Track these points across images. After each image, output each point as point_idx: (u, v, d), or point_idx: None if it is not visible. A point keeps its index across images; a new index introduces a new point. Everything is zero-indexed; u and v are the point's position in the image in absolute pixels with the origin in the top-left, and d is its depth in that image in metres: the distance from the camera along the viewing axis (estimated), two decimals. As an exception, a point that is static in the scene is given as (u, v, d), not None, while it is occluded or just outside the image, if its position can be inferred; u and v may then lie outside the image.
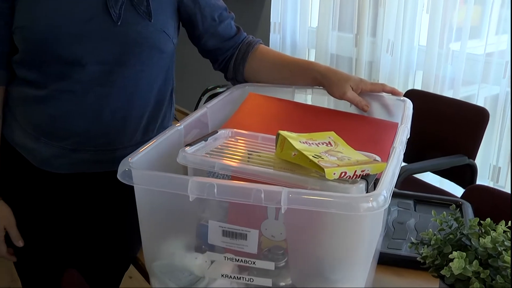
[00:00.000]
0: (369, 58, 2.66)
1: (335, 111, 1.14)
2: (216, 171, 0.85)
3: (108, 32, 1.05)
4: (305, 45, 3.01)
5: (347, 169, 0.78)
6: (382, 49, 2.56)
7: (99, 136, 1.13)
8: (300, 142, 0.87)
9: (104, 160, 1.15)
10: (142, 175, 0.79)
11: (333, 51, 2.83)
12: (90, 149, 1.14)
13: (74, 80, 1.07)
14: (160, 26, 1.10)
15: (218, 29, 1.21)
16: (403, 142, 0.90)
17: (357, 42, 2.68)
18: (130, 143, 1.16)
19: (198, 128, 1.05)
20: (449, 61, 2.36)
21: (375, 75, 2.61)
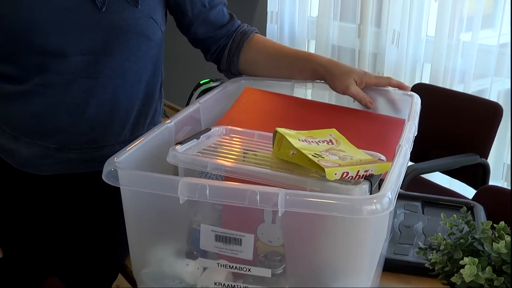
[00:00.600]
0: (373, 49, 2.66)
1: (337, 107, 1.14)
2: (208, 171, 0.85)
3: (92, 20, 1.05)
4: (305, 36, 3.01)
5: (349, 169, 0.78)
6: (387, 40, 2.56)
7: (84, 133, 1.12)
8: (299, 140, 0.87)
9: (90, 159, 1.15)
10: (128, 176, 0.78)
11: (334, 42, 2.84)
12: (75, 148, 1.13)
13: (56, 72, 1.06)
14: (147, 12, 1.09)
15: (209, 15, 1.20)
16: (410, 140, 0.90)
17: (360, 33, 2.68)
18: (118, 140, 1.16)
19: (190, 125, 1.05)
20: (460, 52, 2.36)
21: (380, 68, 2.61)
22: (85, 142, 1.13)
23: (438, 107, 2.23)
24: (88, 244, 1.22)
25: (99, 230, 1.22)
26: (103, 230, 1.22)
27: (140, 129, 1.20)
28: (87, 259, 1.23)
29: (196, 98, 1.87)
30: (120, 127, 1.16)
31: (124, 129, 1.17)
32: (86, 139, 1.13)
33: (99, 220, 1.22)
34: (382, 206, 0.69)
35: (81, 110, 1.10)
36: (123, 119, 1.16)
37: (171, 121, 0.98)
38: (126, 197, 0.82)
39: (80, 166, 1.15)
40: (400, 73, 2.53)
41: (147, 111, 1.21)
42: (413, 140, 0.93)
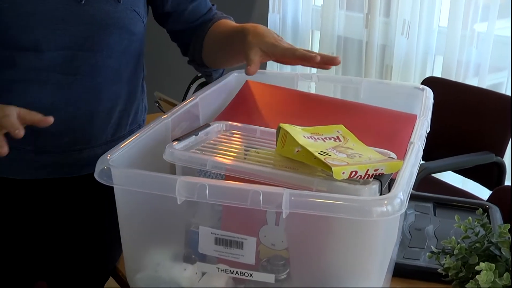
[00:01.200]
0: (382, 41, 2.66)
1: (344, 102, 1.13)
2: (208, 169, 0.85)
3: (70, 13, 1.03)
4: (309, 27, 3.01)
5: (358, 168, 0.78)
6: (396, 31, 2.56)
7: (63, 134, 1.11)
8: (304, 136, 0.87)
9: (70, 163, 1.14)
10: (123, 174, 0.78)
11: (340, 33, 2.83)
12: (53, 150, 1.12)
13: (28, 68, 1.04)
14: (130, 4, 1.08)
15: (188, 7, 1.20)
16: (422, 137, 0.90)
17: (368, 23, 2.68)
18: (100, 141, 1.15)
19: (188, 120, 1.05)
20: (474, 44, 2.36)
21: (389, 60, 2.61)
22: (64, 145, 1.12)
23: (450, 102, 2.22)
24: (75, 248, 1.22)
25: (85, 234, 1.22)
26: (90, 234, 1.22)
27: (123, 129, 1.19)
28: (74, 263, 1.23)
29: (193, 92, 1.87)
30: (102, 128, 1.16)
31: (105, 130, 1.16)
32: (64, 141, 1.12)
33: (84, 223, 1.21)
34: (393, 208, 0.68)
35: (58, 109, 1.09)
36: (104, 120, 1.15)
37: (168, 116, 0.98)
38: (120, 197, 0.82)
39: (59, 171, 1.15)
40: (410, 66, 2.53)
41: (130, 110, 1.20)
42: (425, 137, 0.93)
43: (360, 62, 2.76)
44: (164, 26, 1.24)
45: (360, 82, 1.16)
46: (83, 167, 1.15)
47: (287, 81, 1.20)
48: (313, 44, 3.06)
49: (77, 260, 1.23)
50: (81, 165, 1.16)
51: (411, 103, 1.11)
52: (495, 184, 2.07)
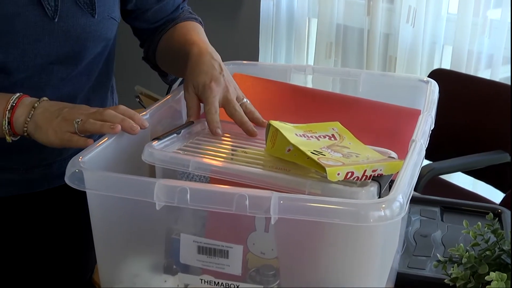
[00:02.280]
0: (385, 29, 2.67)
1: (341, 96, 1.14)
2: (191, 171, 0.85)
3: (42, 31, 1.01)
4: (305, 14, 3.02)
5: (355, 169, 0.79)
6: (401, 19, 2.57)
7: (30, 150, 1.11)
8: (297, 135, 0.88)
9: (38, 178, 1.15)
10: (96, 178, 0.79)
11: (339, 21, 2.84)
12: (19, 167, 1.13)
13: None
14: (107, 12, 1.08)
15: (154, 7, 1.19)
16: (425, 134, 0.90)
17: (370, 10, 2.68)
18: (69, 153, 1.15)
19: (170, 117, 1.06)
20: (486, 33, 2.37)
21: (393, 50, 2.62)
22: (31, 160, 1.13)
23: (460, 96, 2.24)
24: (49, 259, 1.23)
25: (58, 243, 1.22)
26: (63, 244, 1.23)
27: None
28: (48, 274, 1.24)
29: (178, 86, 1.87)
30: None
31: None
32: (31, 155, 1.12)
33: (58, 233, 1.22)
34: (392, 212, 0.69)
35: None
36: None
37: (147, 113, 0.98)
38: (93, 203, 0.82)
39: (24, 187, 1.15)
40: (416, 56, 2.53)
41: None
42: (429, 134, 0.94)
43: (361, 53, 2.76)
44: (125, 20, 1.23)
45: (359, 75, 1.16)
46: (52, 180, 1.16)
47: (280, 73, 1.20)
48: (310, 33, 3.06)
49: (51, 271, 1.24)
50: (49, 179, 1.16)
51: (415, 97, 1.12)
52: (509, 187, 2.08)
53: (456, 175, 2.33)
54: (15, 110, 0.96)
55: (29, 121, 0.95)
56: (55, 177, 1.16)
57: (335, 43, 2.86)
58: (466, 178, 2.32)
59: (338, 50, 2.87)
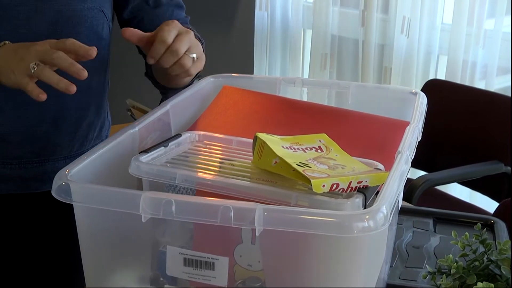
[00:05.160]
0: (380, 40, 2.69)
1: (330, 108, 1.15)
2: (177, 183, 0.86)
3: (34, 9, 1.05)
4: (300, 25, 3.04)
5: (340, 180, 0.80)
6: (396, 29, 2.59)
7: (24, 143, 1.13)
8: (283, 147, 0.89)
9: (31, 177, 1.16)
10: (82, 190, 0.80)
11: (334, 32, 2.86)
12: (12, 162, 1.14)
13: None
14: (98, 3, 1.11)
15: (149, 14, 1.21)
16: (412, 146, 0.91)
17: (364, 21, 2.70)
18: (63, 154, 1.18)
19: (158, 130, 1.06)
20: (481, 43, 2.39)
21: (387, 61, 2.64)
22: (24, 155, 1.14)
23: (455, 106, 2.25)
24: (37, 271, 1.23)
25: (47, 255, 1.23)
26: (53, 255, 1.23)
27: (88, 144, 1.22)
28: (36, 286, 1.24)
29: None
30: (67, 140, 1.18)
31: (71, 142, 1.18)
32: (25, 151, 1.14)
33: (47, 244, 1.22)
34: (376, 223, 0.70)
35: (18, 116, 1.11)
36: (69, 130, 1.17)
37: (135, 126, 1.00)
38: (80, 216, 0.83)
39: (19, 185, 1.16)
40: (411, 66, 2.55)
41: (96, 124, 1.23)
42: (416, 145, 0.95)
43: (356, 64, 2.78)
44: None
45: (347, 86, 1.18)
46: (45, 182, 1.17)
47: (269, 86, 1.22)
48: (305, 44, 3.09)
49: (39, 284, 1.24)
50: (42, 180, 1.17)
51: (404, 109, 1.13)
52: (505, 197, 2.09)
53: (453, 186, 2.34)
54: None
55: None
56: (47, 179, 1.17)
57: (330, 54, 2.88)
58: (462, 189, 2.33)
59: (333, 61, 2.89)
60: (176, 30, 1.00)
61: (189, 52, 1.02)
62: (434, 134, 2.13)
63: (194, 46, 1.04)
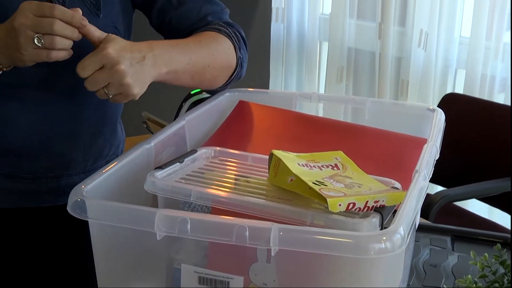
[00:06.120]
0: (397, 53, 2.69)
1: (346, 124, 1.16)
2: (192, 201, 0.86)
3: None
4: (316, 37, 3.04)
5: (356, 200, 0.80)
6: (413, 42, 2.58)
7: (39, 157, 1.14)
8: (299, 164, 0.89)
9: (45, 191, 1.17)
10: (97, 207, 0.80)
11: (351, 44, 2.86)
12: (27, 176, 1.15)
13: (3, 84, 1.07)
14: (111, 20, 1.11)
15: (176, 15, 1.18)
16: (429, 165, 0.91)
17: (381, 33, 2.70)
18: (78, 169, 1.18)
19: (174, 145, 1.07)
20: (500, 56, 2.38)
21: (404, 74, 2.63)
22: (39, 170, 1.15)
23: (474, 121, 2.24)
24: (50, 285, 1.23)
25: (61, 269, 1.23)
26: (66, 270, 1.24)
27: (102, 159, 1.23)
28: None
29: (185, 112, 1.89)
30: (81, 155, 1.18)
31: (86, 157, 1.19)
32: (39, 165, 1.15)
33: (60, 258, 1.23)
34: (393, 244, 0.70)
35: (35, 128, 1.12)
36: (85, 146, 1.18)
37: (151, 141, 1.00)
38: (96, 232, 0.84)
39: (33, 199, 1.17)
40: (428, 80, 2.55)
41: (112, 138, 1.23)
42: (433, 164, 0.95)
43: (373, 77, 2.78)
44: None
45: (364, 102, 1.18)
46: (59, 196, 1.18)
47: (285, 101, 1.22)
48: (321, 56, 3.09)
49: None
50: (57, 194, 1.18)
51: (422, 126, 1.12)
52: (525, 214, 2.07)
53: (471, 202, 2.32)
54: None
55: None
56: (62, 193, 1.17)
57: (347, 66, 2.88)
58: (481, 205, 2.31)
59: (349, 74, 2.89)
60: (96, 64, 0.95)
61: (107, 89, 0.97)
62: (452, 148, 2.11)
63: (127, 77, 0.96)
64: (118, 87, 0.96)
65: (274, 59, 3.21)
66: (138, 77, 0.98)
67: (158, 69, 1.02)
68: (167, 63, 1.04)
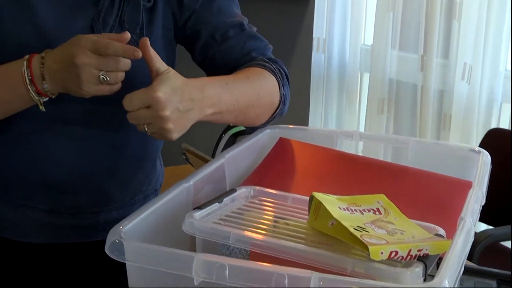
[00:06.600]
0: (440, 85, 2.65)
1: (388, 164, 1.14)
2: (231, 243, 0.85)
3: None
4: (357, 68, 3.03)
5: (399, 248, 0.78)
6: (456, 75, 2.55)
7: (80, 193, 1.15)
8: (340, 208, 0.87)
9: (84, 226, 1.17)
10: (136, 249, 0.80)
11: (392, 76, 2.84)
12: (67, 211, 1.16)
13: (47, 119, 1.08)
14: None
15: (220, 50, 1.18)
16: (475, 212, 0.89)
17: (423, 65, 2.67)
18: (117, 204, 1.19)
19: (213, 183, 1.06)
20: (547, 90, 2.33)
21: (447, 108, 2.59)
22: (78, 205, 1.16)
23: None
24: None
25: None
26: None
27: (141, 194, 1.22)
28: None
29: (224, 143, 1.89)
30: (121, 189, 1.19)
31: (125, 192, 1.19)
32: (81, 201, 1.15)
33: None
34: (438, 298, 0.68)
35: (76, 164, 1.13)
36: (124, 182, 1.19)
37: (190, 180, 1.00)
38: (133, 273, 0.83)
39: (73, 235, 1.18)
40: (472, 114, 2.50)
41: (152, 173, 1.24)
42: (479, 211, 0.92)
43: (414, 109, 2.75)
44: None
45: (407, 142, 1.16)
46: (98, 231, 1.18)
47: (326, 139, 1.21)
48: (362, 87, 3.07)
49: None
50: (95, 230, 1.18)
51: (466, 167, 1.10)
52: None
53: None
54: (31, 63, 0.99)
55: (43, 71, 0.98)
56: (101, 229, 1.18)
57: (388, 98, 2.85)
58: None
59: (390, 105, 2.86)
60: (143, 103, 0.96)
61: (147, 127, 0.98)
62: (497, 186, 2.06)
63: (162, 121, 0.96)
64: (158, 129, 0.97)
65: (314, 89, 3.20)
66: (180, 123, 0.98)
67: (204, 112, 1.02)
68: (214, 105, 1.03)
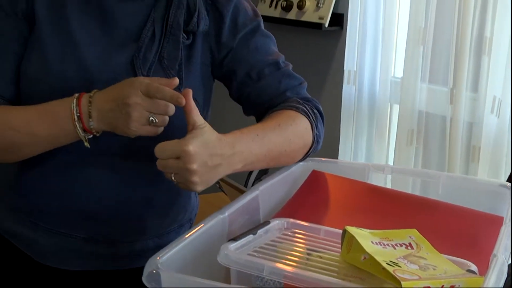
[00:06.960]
0: (469, 118, 2.63)
1: (419, 198, 1.14)
2: (265, 275, 0.86)
3: None
4: (387, 99, 3.02)
5: (431, 284, 0.78)
6: (486, 108, 2.53)
7: (117, 222, 1.16)
8: (372, 242, 0.88)
9: (121, 255, 1.19)
10: (172, 280, 0.81)
11: (421, 108, 2.82)
12: (104, 240, 1.17)
13: (85, 152, 1.09)
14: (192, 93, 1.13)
15: (255, 88, 1.19)
16: (508, 248, 0.88)
17: (453, 98, 2.66)
18: (153, 233, 1.20)
19: (247, 215, 1.07)
20: None
21: (476, 140, 2.57)
22: (115, 234, 1.17)
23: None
24: None
25: None
26: None
27: (176, 222, 1.24)
28: None
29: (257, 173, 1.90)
30: (157, 219, 1.20)
31: (160, 222, 1.21)
32: (116, 230, 1.17)
33: None
34: (470, 335, 0.67)
35: (113, 194, 1.15)
36: (161, 213, 1.20)
37: (225, 211, 1.01)
38: (169, 303, 0.84)
39: (109, 262, 1.19)
40: (501, 148, 2.47)
41: (187, 207, 1.25)
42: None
43: (443, 141, 2.73)
44: (246, 114, 1.25)
45: (438, 177, 1.15)
46: (134, 260, 1.19)
47: (358, 172, 1.21)
48: (392, 119, 3.06)
49: None
50: (131, 258, 1.19)
51: (497, 203, 1.09)
52: None
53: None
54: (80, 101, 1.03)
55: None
56: (136, 257, 1.19)
57: (417, 130, 2.84)
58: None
59: (420, 137, 2.84)
60: (174, 154, 0.97)
61: (174, 176, 0.99)
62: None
63: (188, 170, 0.97)
64: (184, 180, 0.98)
65: (344, 121, 3.20)
66: (206, 178, 0.99)
67: (234, 167, 1.03)
68: (244, 159, 1.04)
